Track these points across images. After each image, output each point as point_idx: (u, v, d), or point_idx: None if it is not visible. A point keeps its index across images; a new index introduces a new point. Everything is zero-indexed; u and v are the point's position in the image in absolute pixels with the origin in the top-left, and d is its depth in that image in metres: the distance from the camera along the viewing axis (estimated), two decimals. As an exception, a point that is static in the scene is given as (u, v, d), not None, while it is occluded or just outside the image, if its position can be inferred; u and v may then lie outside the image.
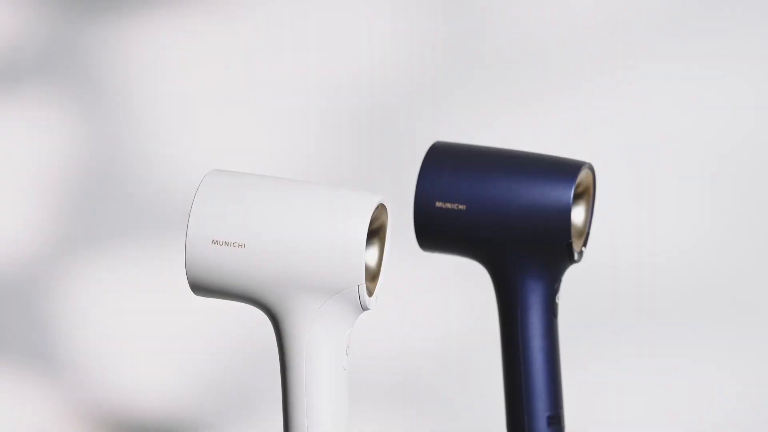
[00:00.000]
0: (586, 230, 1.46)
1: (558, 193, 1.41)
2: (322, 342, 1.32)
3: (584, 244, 1.46)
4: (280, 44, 2.09)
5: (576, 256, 1.44)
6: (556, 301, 1.46)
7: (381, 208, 1.32)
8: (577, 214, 1.44)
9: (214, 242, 1.30)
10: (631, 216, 2.01)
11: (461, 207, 1.43)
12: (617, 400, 2.03)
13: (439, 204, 1.44)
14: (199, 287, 1.32)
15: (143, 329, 2.12)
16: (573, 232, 1.42)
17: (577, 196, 1.44)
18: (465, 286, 1.99)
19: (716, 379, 2.02)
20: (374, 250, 1.33)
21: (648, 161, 2.02)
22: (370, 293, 1.32)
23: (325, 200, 1.31)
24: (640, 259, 2.02)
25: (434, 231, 1.45)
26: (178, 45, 2.11)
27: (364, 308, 1.31)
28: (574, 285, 1.57)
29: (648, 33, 2.02)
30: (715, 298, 2.02)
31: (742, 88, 2.00)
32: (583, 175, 1.43)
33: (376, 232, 1.33)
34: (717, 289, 2.02)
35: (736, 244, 2.01)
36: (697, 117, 2.01)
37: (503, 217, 1.42)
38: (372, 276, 1.33)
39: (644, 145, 2.02)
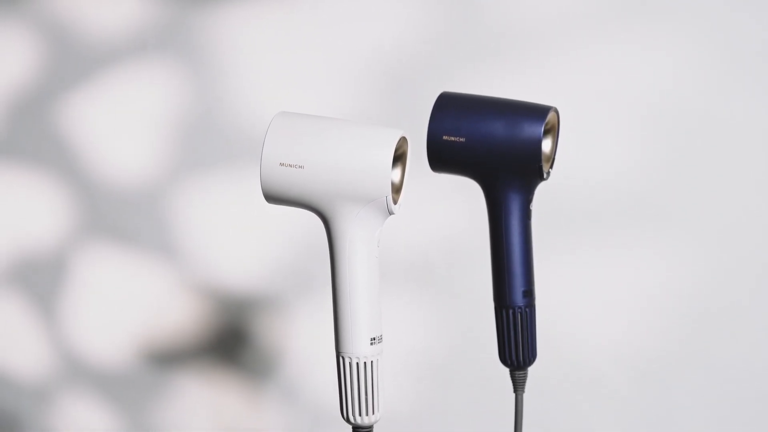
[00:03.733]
0: (553, 156, 1.45)
1: (532, 128, 1.39)
2: (360, 237, 1.30)
3: (551, 167, 1.45)
4: (328, 22, 2.07)
5: (545, 175, 1.43)
6: (530, 208, 1.45)
7: (403, 140, 1.31)
8: (546, 145, 1.43)
9: (281, 164, 1.28)
10: (586, 146, 1.99)
11: (461, 140, 1.41)
12: (572, 279, 2.01)
13: (445, 137, 1.42)
14: (271, 197, 1.31)
15: (232, 228, 2.12)
16: (543, 157, 1.41)
17: (546, 131, 1.42)
18: (464, 197, 1.98)
19: (641, 263, 2.00)
20: (398, 171, 1.32)
21: (598, 107, 2.01)
22: (395, 202, 1.31)
23: (362, 133, 1.29)
24: (592, 178, 2.01)
25: (442, 157, 1.43)
26: (255, 25, 2.10)
27: (390, 213, 1.30)
28: (544, 196, 1.55)
29: (601, 19, 1.99)
30: (644, 206, 2.00)
31: (663, 57, 1.98)
32: (550, 116, 1.42)
33: (399, 157, 1.32)
34: (645, 200, 2.00)
35: (659, 166, 2.00)
36: (632, 77, 1.99)
37: (492, 147, 1.40)
38: (396, 189, 1.32)
39: (595, 96, 2.00)
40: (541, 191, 1.46)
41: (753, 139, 1.97)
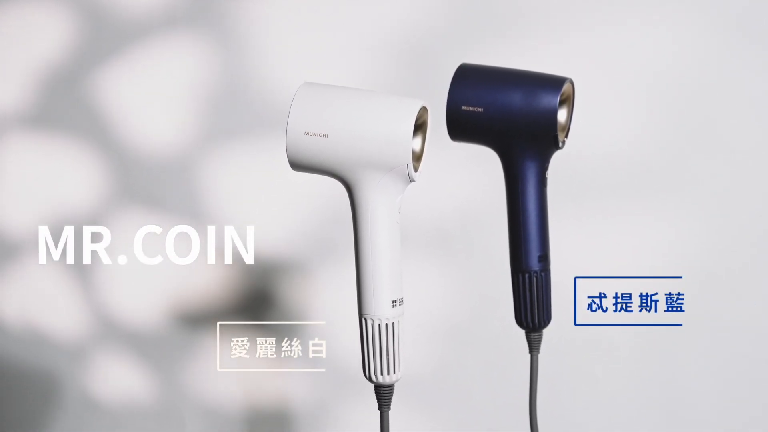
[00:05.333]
0: (568, 126, 1.44)
1: (548, 99, 1.37)
2: (382, 204, 1.30)
3: (566, 136, 1.44)
4: (352, 2, 2.06)
5: (560, 144, 1.42)
6: (546, 175, 1.44)
7: (423, 110, 1.31)
8: (561, 114, 1.41)
9: (306, 133, 1.28)
10: (598, 116, 1.98)
11: (480, 110, 1.40)
12: (585, 243, 2.00)
13: (464, 107, 1.40)
14: (296, 165, 1.30)
15: (259, 194, 2.12)
16: (558, 127, 1.39)
17: (562, 102, 1.41)
18: (482, 166, 1.97)
19: (650, 229, 1.99)
20: (419, 139, 1.32)
21: (610, 79, 1.99)
22: (416, 170, 1.30)
23: (384, 103, 1.28)
24: (604, 147, 2.00)
25: (461, 127, 1.42)
26: (280, 4, 2.07)
27: (411, 180, 1.30)
28: (559, 164, 1.53)
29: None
30: (652, 174, 1.99)
31: (668, 32, 1.97)
32: (566, 87, 1.41)
33: (420, 127, 1.31)
34: (652, 168, 2.00)
35: (666, 136, 1.99)
36: (639, 52, 1.99)
37: (510, 117, 1.39)
38: (417, 157, 1.31)
39: (608, 69, 1.99)
40: (557, 160, 1.44)
41: (755, 107, 1.96)
